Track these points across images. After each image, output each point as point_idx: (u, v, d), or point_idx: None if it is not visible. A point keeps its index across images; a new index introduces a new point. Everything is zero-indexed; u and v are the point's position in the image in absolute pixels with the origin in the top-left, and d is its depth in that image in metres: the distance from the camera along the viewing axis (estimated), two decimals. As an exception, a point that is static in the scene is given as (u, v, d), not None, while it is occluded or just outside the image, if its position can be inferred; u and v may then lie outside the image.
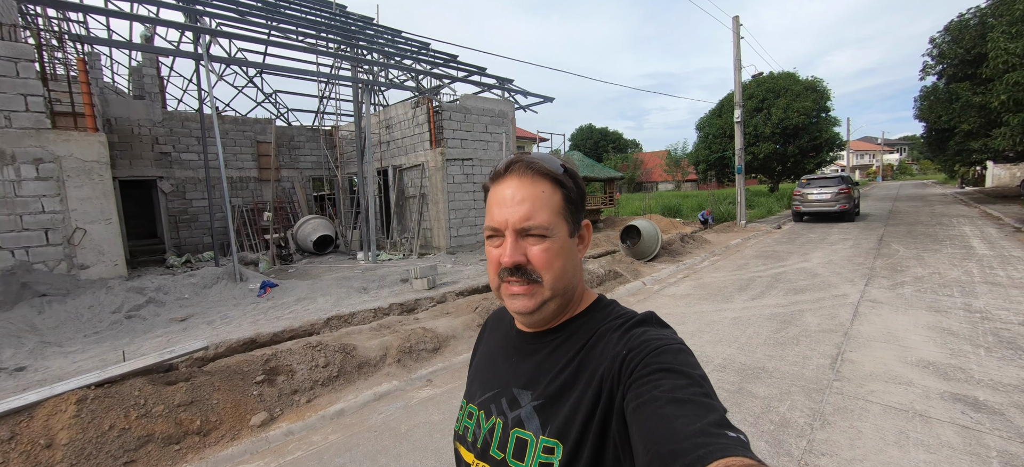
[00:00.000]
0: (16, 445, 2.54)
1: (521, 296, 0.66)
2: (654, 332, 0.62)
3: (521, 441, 0.65)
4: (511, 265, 0.64)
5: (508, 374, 0.74)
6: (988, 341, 4.02)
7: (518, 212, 0.64)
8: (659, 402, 0.51)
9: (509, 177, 0.66)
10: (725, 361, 3.89)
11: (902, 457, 2.47)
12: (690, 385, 0.52)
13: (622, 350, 0.61)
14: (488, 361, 0.82)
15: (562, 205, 0.66)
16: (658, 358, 0.57)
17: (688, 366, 0.56)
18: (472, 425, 0.74)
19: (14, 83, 5.26)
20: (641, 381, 0.55)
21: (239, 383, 3.40)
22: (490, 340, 0.86)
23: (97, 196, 5.80)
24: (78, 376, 3.05)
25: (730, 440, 0.45)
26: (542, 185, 0.65)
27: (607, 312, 0.70)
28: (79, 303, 5.55)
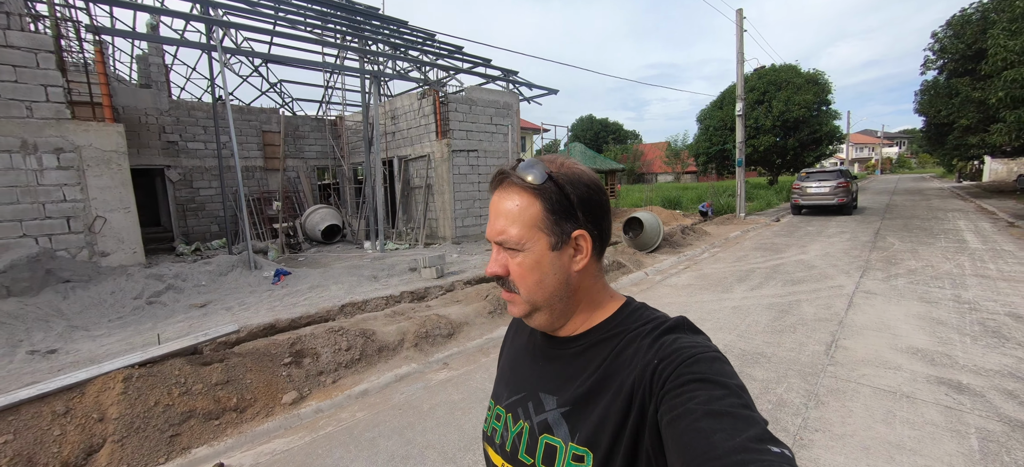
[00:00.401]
0: (71, 419, 2.74)
1: (508, 302, 0.69)
2: (687, 339, 0.60)
3: (550, 447, 0.64)
4: (490, 275, 0.67)
5: (533, 377, 0.73)
6: (974, 330, 4.24)
7: (495, 226, 0.66)
8: (694, 415, 0.49)
9: (497, 189, 0.67)
10: (726, 347, 4.11)
11: (888, 433, 2.69)
12: (727, 396, 0.50)
13: (653, 359, 0.59)
14: (513, 363, 0.81)
15: (541, 217, 0.64)
16: (692, 368, 0.55)
17: (724, 376, 0.53)
18: (500, 427, 0.74)
19: (35, 73, 5.38)
20: (675, 393, 0.53)
21: (268, 364, 3.60)
22: (515, 341, 0.85)
23: (116, 185, 5.95)
24: (121, 356, 3.25)
25: (773, 457, 0.43)
26: (517, 198, 0.65)
27: (636, 317, 0.69)
28: (101, 289, 5.74)
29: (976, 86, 13.70)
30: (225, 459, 2.79)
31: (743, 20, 14.25)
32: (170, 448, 2.82)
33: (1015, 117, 9.75)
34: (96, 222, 5.84)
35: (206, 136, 11.87)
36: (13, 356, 4.22)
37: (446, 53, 11.13)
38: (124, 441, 2.73)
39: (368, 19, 10.84)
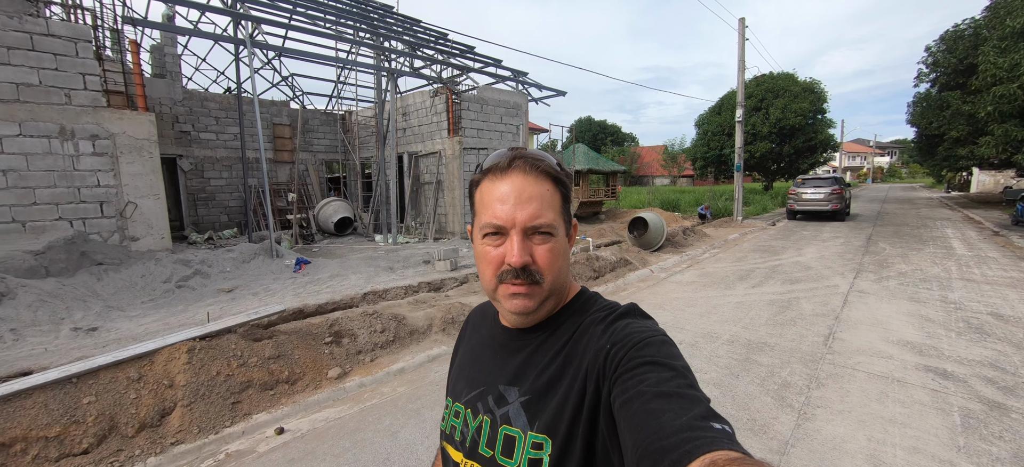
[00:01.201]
0: (144, 384, 3.00)
1: (521, 296, 0.65)
2: (637, 324, 0.63)
3: (509, 438, 0.65)
4: (520, 265, 0.63)
5: (494, 371, 0.74)
6: (959, 326, 4.60)
7: (527, 210, 0.63)
8: (645, 397, 0.51)
9: (512, 173, 0.65)
10: (732, 337, 4.44)
11: (882, 410, 3.02)
12: (674, 377, 0.53)
13: (606, 344, 0.61)
14: (472, 359, 0.81)
15: (561, 205, 0.67)
16: (642, 351, 0.57)
17: (672, 358, 0.56)
18: (459, 424, 0.74)
19: (74, 62, 5.58)
20: (626, 375, 0.55)
21: (312, 343, 3.87)
22: (473, 337, 0.85)
23: (147, 172, 6.16)
24: (183, 329, 3.50)
25: (716, 433, 0.46)
26: (547, 184, 0.65)
27: (590, 304, 0.71)
28: (132, 272, 5.95)
29: (966, 100, 14.20)
30: (284, 424, 3.06)
31: (746, 29, 14.64)
32: (233, 413, 3.08)
33: (1002, 131, 10.21)
34: (128, 207, 6.05)
35: (218, 127, 12.03)
36: (58, 332, 4.44)
37: (458, 52, 11.38)
38: (192, 406, 2.99)
39: (383, 17, 11.07)
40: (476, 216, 0.69)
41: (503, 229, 0.64)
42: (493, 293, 0.68)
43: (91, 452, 2.62)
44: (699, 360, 3.90)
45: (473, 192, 0.70)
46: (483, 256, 0.66)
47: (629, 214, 16.41)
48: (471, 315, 0.90)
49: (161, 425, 2.87)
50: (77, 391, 2.80)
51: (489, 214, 0.65)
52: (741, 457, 0.42)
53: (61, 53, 5.49)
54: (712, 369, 3.72)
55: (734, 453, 0.42)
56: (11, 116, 5.25)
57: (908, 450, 2.60)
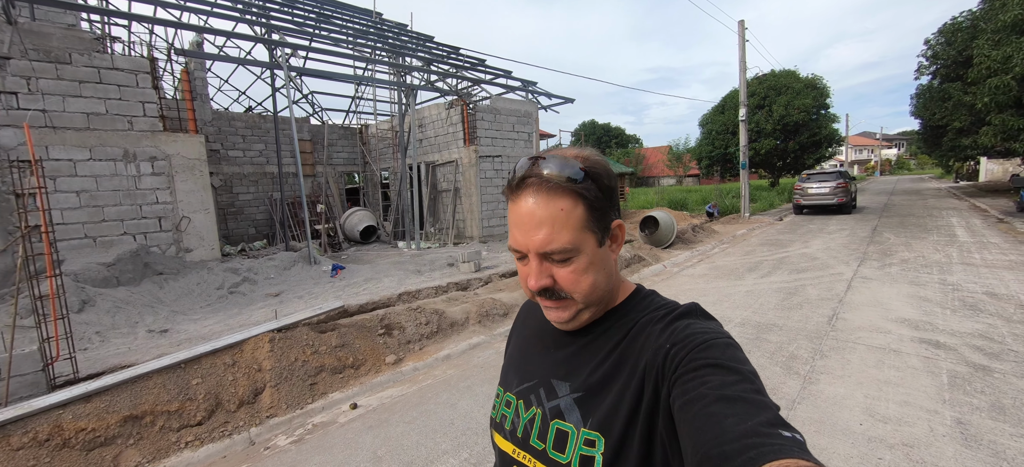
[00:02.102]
0: (238, 369, 3.50)
1: (554, 309, 0.66)
2: (699, 325, 0.61)
3: (562, 433, 0.64)
4: (538, 289, 0.63)
5: (545, 364, 0.73)
6: (954, 305, 4.99)
7: (538, 236, 0.61)
8: (706, 400, 0.49)
9: (524, 193, 0.62)
10: (743, 320, 4.86)
11: (878, 374, 3.44)
12: (739, 381, 0.51)
13: (665, 344, 0.59)
14: (523, 351, 0.80)
15: (585, 217, 0.62)
16: (704, 353, 0.55)
17: (736, 361, 0.54)
18: (511, 413, 0.74)
19: (135, 92, 6.17)
20: (687, 377, 0.53)
21: (368, 335, 4.35)
22: (524, 330, 0.84)
23: (198, 189, 6.73)
24: (260, 325, 4.00)
25: (784, 440, 0.43)
26: (560, 202, 0.61)
27: (648, 302, 0.69)
28: (189, 280, 6.50)
29: (967, 90, 14.50)
30: (356, 401, 3.54)
31: (746, 31, 15.07)
32: (313, 392, 3.57)
33: (999, 121, 10.52)
34: (182, 221, 6.61)
35: (244, 144, 12.68)
36: (136, 334, 4.98)
37: (469, 66, 11.94)
38: (279, 386, 3.49)
39: (398, 35, 11.67)
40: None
41: (522, 252, 0.64)
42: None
43: (204, 424, 3.12)
44: (714, 340, 4.33)
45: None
46: (519, 272, 0.67)
47: (637, 214, 16.82)
48: (522, 308, 0.90)
49: (255, 402, 3.37)
50: (186, 374, 3.31)
51: (511, 236, 0.65)
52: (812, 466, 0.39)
53: (124, 84, 6.08)
54: (726, 347, 4.15)
55: (805, 462, 0.40)
56: (83, 143, 5.84)
57: (899, 404, 3.02)
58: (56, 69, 5.64)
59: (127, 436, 2.89)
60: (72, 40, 5.76)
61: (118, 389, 3.05)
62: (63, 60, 5.68)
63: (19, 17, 5.56)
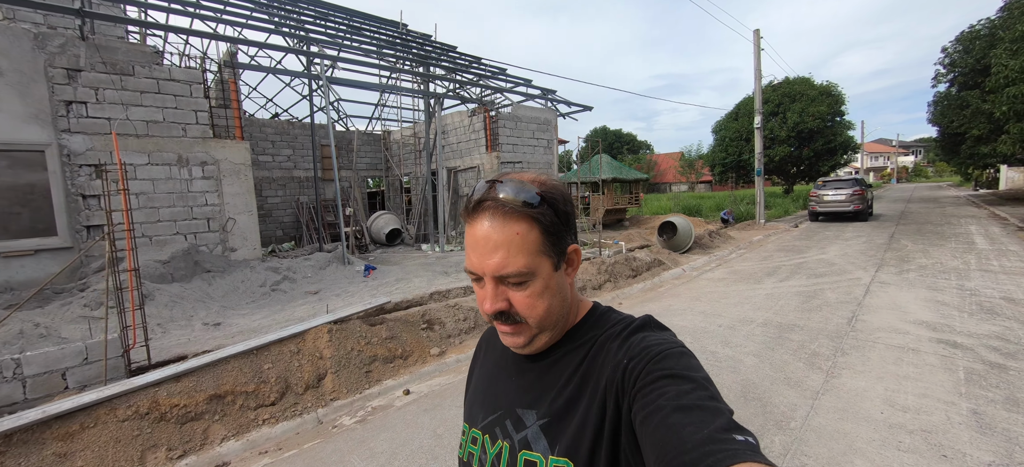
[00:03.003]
0: (302, 356, 3.83)
1: (509, 335, 0.66)
2: (654, 337, 0.62)
3: (530, 464, 0.64)
4: (493, 313, 0.63)
5: (510, 394, 0.72)
6: (972, 308, 5.16)
7: (493, 260, 0.61)
8: (664, 411, 0.51)
9: (481, 216, 0.62)
10: (766, 321, 5.09)
11: (897, 370, 3.66)
12: (695, 389, 0.52)
13: (623, 359, 0.60)
14: (487, 382, 0.80)
15: (541, 241, 0.62)
16: (660, 364, 0.56)
17: (691, 369, 0.56)
18: (478, 451, 0.73)
19: (189, 101, 6.62)
20: (645, 390, 0.55)
21: (412, 328, 4.68)
22: (486, 360, 0.84)
23: (243, 192, 7.15)
24: (317, 317, 4.35)
25: (739, 444, 0.45)
26: (516, 226, 0.61)
27: (605, 319, 0.70)
28: (234, 278, 6.90)
29: (985, 99, 14.48)
30: (408, 387, 3.85)
31: (760, 40, 15.25)
32: (368, 379, 3.89)
33: (1018, 129, 10.56)
34: (228, 223, 7.03)
35: (273, 150, 13.19)
36: (192, 326, 5.36)
37: (490, 75, 12.32)
38: (339, 372, 3.82)
39: (422, 44, 12.10)
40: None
41: (477, 274, 0.64)
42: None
43: (277, 404, 3.45)
44: (739, 337, 4.57)
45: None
46: (477, 295, 0.66)
47: (652, 220, 17.00)
48: (483, 336, 0.89)
49: (319, 386, 3.70)
50: (258, 360, 3.66)
51: (467, 259, 0.65)
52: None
53: (179, 94, 6.53)
54: (750, 344, 4.39)
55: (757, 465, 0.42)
56: (143, 148, 6.28)
57: (918, 396, 3.24)
58: (120, 80, 6.10)
59: (213, 413, 3.23)
60: (135, 53, 6.22)
61: (202, 371, 3.40)
62: (127, 72, 6.14)
63: (90, 34, 6.04)
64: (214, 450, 3.01)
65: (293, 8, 10.43)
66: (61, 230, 5.79)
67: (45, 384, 3.59)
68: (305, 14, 10.33)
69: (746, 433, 0.48)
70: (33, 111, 5.56)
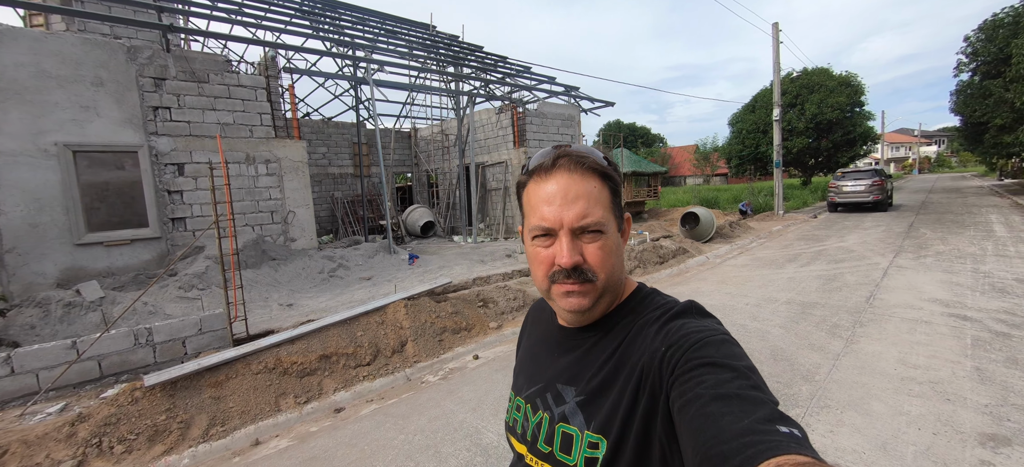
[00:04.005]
0: (386, 326, 4.46)
1: (576, 295, 0.65)
2: (695, 323, 0.62)
3: (567, 436, 0.66)
4: (570, 266, 0.63)
5: (551, 369, 0.74)
6: (984, 288, 5.56)
7: (573, 210, 0.62)
8: (703, 399, 0.50)
9: (557, 172, 0.64)
10: (789, 300, 5.57)
11: (910, 337, 4.13)
12: (735, 378, 0.51)
13: (661, 346, 0.60)
14: (531, 356, 0.83)
15: (611, 200, 0.66)
16: (700, 352, 0.56)
17: (733, 358, 0.54)
18: (520, 418, 0.76)
19: (255, 105, 7.30)
20: (684, 378, 0.54)
21: (470, 306, 5.27)
22: (532, 334, 0.87)
23: (301, 187, 7.84)
24: (393, 294, 4.97)
25: (782, 436, 0.44)
26: (593, 181, 0.64)
27: (647, 303, 0.71)
28: (295, 266, 7.60)
29: (1008, 87, 14.50)
30: (477, 354, 4.45)
31: (780, 33, 15.46)
32: (441, 347, 4.50)
33: (1040, 119, 10.71)
34: (289, 215, 7.72)
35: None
36: (269, 306, 6.04)
37: (515, 72, 12.83)
38: (417, 340, 4.43)
39: (450, 45, 12.66)
40: (525, 218, 0.69)
41: (552, 230, 0.64)
42: (547, 293, 0.68)
43: (371, 364, 4.08)
44: (765, 313, 5.07)
45: (520, 194, 0.70)
46: (534, 257, 0.67)
47: (670, 212, 17.39)
48: (530, 311, 0.92)
49: (403, 351, 4.32)
50: (352, 328, 4.29)
51: (537, 216, 0.65)
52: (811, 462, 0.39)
53: (247, 98, 7.21)
54: (776, 318, 4.89)
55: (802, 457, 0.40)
56: (216, 148, 6.98)
57: (928, 357, 3.72)
58: (198, 87, 6.79)
59: (323, 370, 3.87)
60: (210, 62, 6.91)
61: (310, 336, 4.05)
62: (203, 79, 6.83)
63: (174, 45, 6.74)
64: (330, 398, 3.65)
65: (333, 14, 11.07)
66: (151, 222, 6.52)
67: (169, 350, 4.29)
68: (344, 19, 10.96)
69: (791, 424, 0.46)
70: (127, 116, 6.28)
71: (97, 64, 6.02)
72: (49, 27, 7.76)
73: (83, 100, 5.93)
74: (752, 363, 0.55)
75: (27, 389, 3.79)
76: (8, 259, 5.58)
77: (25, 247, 5.67)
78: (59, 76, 5.78)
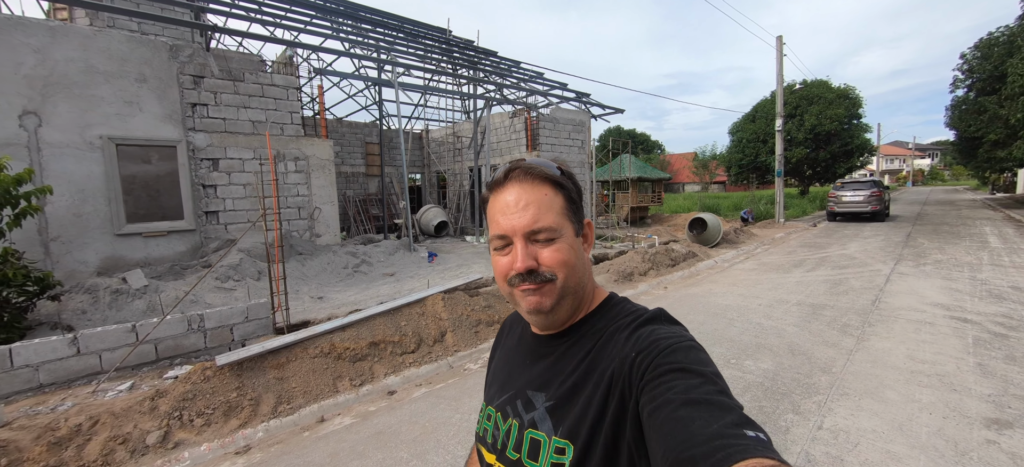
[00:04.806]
0: (426, 317, 4.72)
1: (534, 293, 0.67)
2: (664, 330, 0.63)
3: (535, 442, 0.67)
4: (524, 270, 0.66)
5: (523, 376, 0.76)
6: (982, 294, 5.90)
7: (525, 217, 0.66)
8: (673, 404, 0.51)
9: (510, 184, 0.68)
10: (799, 301, 5.89)
11: (916, 336, 4.45)
12: (703, 384, 0.53)
13: (630, 352, 0.62)
14: (504, 364, 0.84)
15: (565, 206, 0.69)
16: (669, 358, 0.57)
17: (700, 364, 0.56)
18: (491, 426, 0.77)
19: (286, 104, 7.56)
20: (654, 383, 0.55)
21: (500, 300, 5.55)
22: (506, 343, 0.88)
23: (327, 184, 8.09)
24: (431, 288, 5.23)
25: (749, 440, 0.45)
26: (544, 189, 0.67)
27: (617, 310, 0.72)
28: (320, 261, 7.84)
29: (1002, 104, 15.00)
30: (510, 344, 4.72)
31: (783, 46, 15.90)
32: (476, 339, 4.77)
33: (1033, 135, 11.17)
34: (315, 211, 7.97)
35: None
36: (301, 299, 6.28)
37: (528, 78, 13.16)
38: (455, 331, 4.70)
39: (463, 49, 12.97)
40: (489, 231, 0.72)
41: (507, 237, 0.67)
42: (511, 298, 0.70)
43: (416, 352, 4.35)
44: (778, 313, 5.38)
45: (484, 209, 0.73)
46: (496, 266, 0.70)
47: (672, 218, 17.75)
48: (505, 322, 0.94)
49: (443, 340, 4.58)
50: (396, 318, 4.55)
51: (495, 226, 0.69)
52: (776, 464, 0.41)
53: (279, 98, 7.47)
54: (789, 318, 5.20)
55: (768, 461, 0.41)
56: (249, 145, 7.23)
57: (934, 353, 4.04)
58: (234, 85, 7.04)
59: (373, 356, 4.13)
60: (245, 62, 7.16)
61: (359, 324, 4.31)
62: (239, 78, 7.08)
63: (209, 45, 6.99)
64: (381, 382, 3.91)
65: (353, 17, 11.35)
66: (187, 215, 6.76)
67: (218, 336, 4.54)
68: (365, 22, 11.24)
69: (757, 429, 0.48)
70: (168, 112, 6.52)
71: (141, 61, 6.26)
72: (72, 20, 7.98)
73: (127, 95, 6.17)
74: (718, 369, 0.57)
75: (90, 369, 4.03)
76: (53, 247, 5.80)
77: (69, 236, 5.89)
78: (106, 72, 6.01)
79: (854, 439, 2.79)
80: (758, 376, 3.71)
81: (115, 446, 2.89)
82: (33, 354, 3.80)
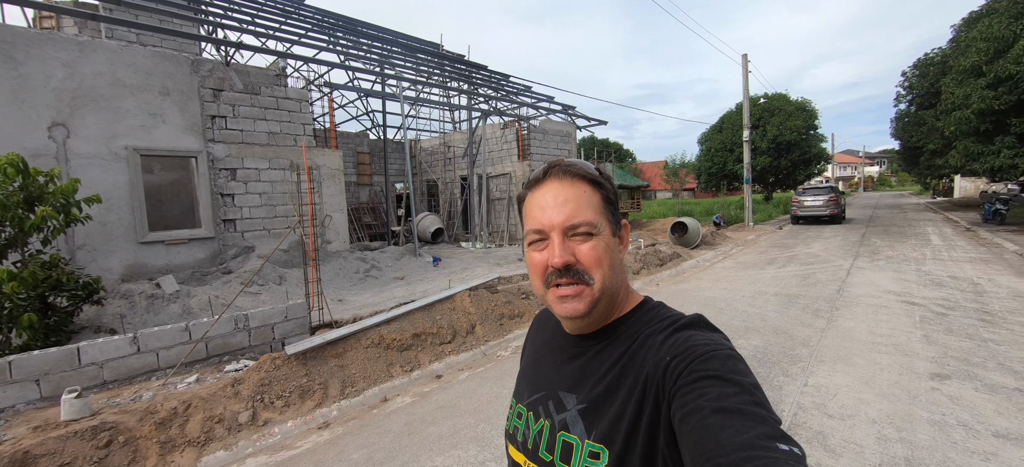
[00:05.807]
0: (457, 312, 5.21)
1: (572, 298, 0.66)
2: (701, 336, 0.61)
3: (567, 445, 0.66)
4: (561, 265, 0.65)
5: (554, 376, 0.75)
6: (926, 283, 6.90)
7: (563, 212, 0.65)
8: (704, 411, 0.50)
9: (549, 181, 0.68)
10: (776, 292, 6.71)
11: (874, 317, 5.29)
12: (739, 393, 0.51)
13: (666, 356, 0.60)
14: (535, 362, 0.83)
15: (602, 204, 0.68)
16: (704, 364, 0.56)
17: (737, 373, 0.54)
18: (522, 425, 0.76)
19: (299, 116, 7.88)
20: (687, 389, 0.54)
21: (516, 297, 6.09)
22: (536, 340, 0.88)
23: (337, 193, 8.42)
24: (457, 286, 5.72)
25: (781, 454, 0.43)
26: (582, 186, 0.68)
27: (653, 314, 0.71)
28: (333, 266, 8.15)
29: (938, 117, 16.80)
30: (533, 334, 5.27)
31: (748, 63, 17.25)
32: (502, 331, 5.29)
33: (963, 146, 12.71)
34: (326, 219, 8.29)
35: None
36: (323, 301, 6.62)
37: (517, 91, 13.83)
38: (484, 323, 5.21)
39: (454, 63, 13.52)
40: (524, 228, 0.72)
41: (544, 232, 0.67)
42: (544, 298, 0.69)
43: (452, 342, 4.83)
44: (759, 302, 6.17)
45: (520, 208, 0.73)
46: (531, 263, 0.69)
47: (651, 224, 18.75)
48: (536, 319, 0.93)
49: (474, 332, 5.09)
50: (431, 313, 5.02)
51: (532, 222, 0.69)
52: None
53: (293, 110, 7.79)
54: (769, 305, 5.98)
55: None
56: (265, 155, 7.52)
57: (889, 328, 4.86)
58: (251, 98, 7.33)
59: (417, 346, 4.59)
60: (262, 76, 7.47)
61: (401, 318, 4.76)
62: (255, 91, 7.38)
63: (230, 59, 7.27)
64: (428, 368, 4.38)
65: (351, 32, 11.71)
66: (205, 223, 6.98)
67: (261, 335, 4.89)
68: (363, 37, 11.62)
69: (792, 443, 0.46)
70: (189, 124, 6.76)
71: (165, 75, 6.50)
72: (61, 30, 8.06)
73: (151, 108, 6.39)
74: (757, 381, 0.55)
75: (148, 366, 4.32)
76: (79, 255, 5.94)
77: (94, 243, 6.05)
78: (132, 85, 6.23)
79: (832, 391, 3.50)
80: (751, 351, 4.41)
81: (213, 425, 3.26)
82: (98, 352, 4.07)
